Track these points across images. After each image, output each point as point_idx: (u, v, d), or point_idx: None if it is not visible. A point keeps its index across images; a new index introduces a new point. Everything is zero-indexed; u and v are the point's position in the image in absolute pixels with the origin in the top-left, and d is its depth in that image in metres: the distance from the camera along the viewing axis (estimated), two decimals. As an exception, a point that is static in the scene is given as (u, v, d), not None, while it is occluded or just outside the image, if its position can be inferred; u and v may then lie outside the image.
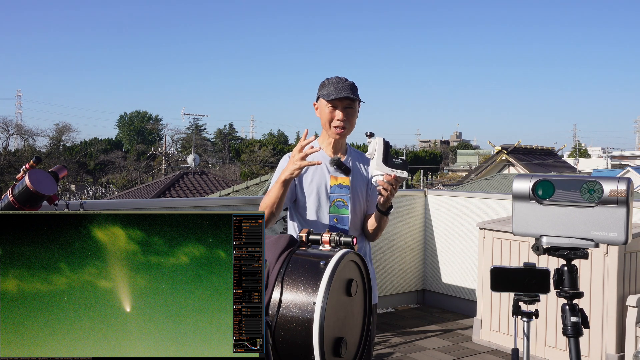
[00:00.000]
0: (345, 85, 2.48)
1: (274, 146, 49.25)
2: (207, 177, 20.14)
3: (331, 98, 2.45)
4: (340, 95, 2.44)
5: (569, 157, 46.13)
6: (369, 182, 2.58)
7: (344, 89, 2.46)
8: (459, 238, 5.89)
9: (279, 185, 2.33)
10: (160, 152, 39.92)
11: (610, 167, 38.61)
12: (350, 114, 2.50)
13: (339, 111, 2.47)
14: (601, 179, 1.80)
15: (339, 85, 2.48)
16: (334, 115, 2.48)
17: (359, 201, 2.55)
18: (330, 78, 2.54)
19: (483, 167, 33.36)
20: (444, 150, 71.69)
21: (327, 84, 2.52)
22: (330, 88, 2.48)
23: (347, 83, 2.50)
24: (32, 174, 2.47)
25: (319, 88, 2.56)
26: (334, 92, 2.46)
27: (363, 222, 2.58)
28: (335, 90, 2.46)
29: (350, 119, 2.50)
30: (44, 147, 48.93)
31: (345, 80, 2.51)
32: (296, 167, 2.26)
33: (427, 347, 4.79)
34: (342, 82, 2.50)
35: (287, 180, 2.31)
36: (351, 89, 2.49)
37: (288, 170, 2.29)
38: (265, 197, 2.42)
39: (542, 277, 1.88)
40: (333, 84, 2.49)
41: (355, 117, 2.54)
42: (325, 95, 2.48)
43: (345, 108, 2.47)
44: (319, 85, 2.57)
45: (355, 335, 1.87)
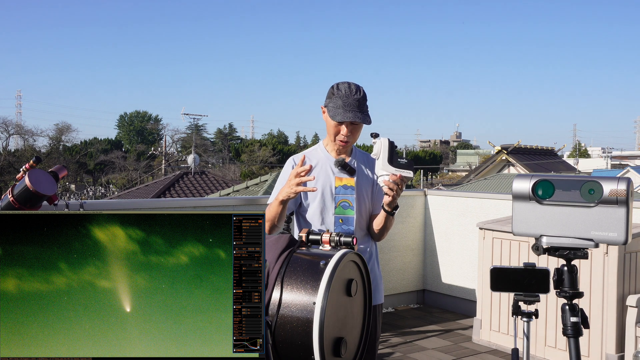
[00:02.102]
0: (353, 101, 2.42)
1: (274, 146, 49.21)
2: (207, 177, 20.14)
3: (337, 120, 2.43)
4: (346, 119, 2.41)
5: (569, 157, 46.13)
6: (374, 182, 2.58)
7: (352, 107, 2.42)
8: (458, 238, 5.89)
9: (277, 203, 2.35)
10: (160, 152, 39.93)
11: (610, 167, 38.61)
12: (355, 129, 2.49)
13: (345, 127, 2.46)
14: (601, 179, 1.80)
15: (347, 102, 2.42)
16: (339, 129, 2.47)
17: (365, 202, 2.56)
18: (340, 87, 2.47)
19: (483, 167, 33.38)
20: (444, 150, 71.71)
21: (336, 95, 2.46)
22: (338, 103, 2.43)
23: (355, 98, 2.43)
24: (32, 174, 2.47)
25: (328, 94, 2.51)
26: (341, 113, 2.42)
27: (369, 222, 2.59)
28: (343, 109, 2.42)
29: (354, 134, 2.50)
30: (44, 147, 48.94)
31: (356, 92, 2.45)
32: (292, 192, 2.27)
33: (427, 347, 4.79)
34: (351, 96, 2.43)
35: (285, 200, 2.33)
36: (359, 106, 2.43)
37: (284, 192, 2.30)
38: (267, 208, 2.43)
39: (542, 277, 1.88)
40: (342, 98, 2.43)
41: (360, 130, 2.52)
42: (332, 114, 2.44)
43: (351, 123, 2.46)
44: (329, 91, 2.51)
45: (355, 335, 1.87)
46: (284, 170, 2.59)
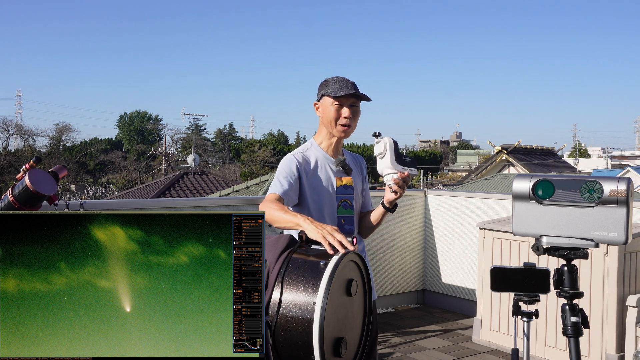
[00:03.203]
0: (349, 83, 2.50)
1: (274, 146, 49.23)
2: (207, 177, 20.14)
3: (340, 94, 2.44)
4: (348, 91, 2.44)
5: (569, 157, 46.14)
6: (363, 180, 2.64)
7: (350, 87, 2.47)
8: (458, 238, 5.89)
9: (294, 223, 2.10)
10: (160, 152, 39.92)
11: (610, 167, 38.63)
12: (355, 112, 2.50)
13: (346, 108, 2.47)
14: (601, 179, 1.80)
15: (343, 84, 2.48)
16: (340, 113, 2.47)
17: (358, 200, 2.58)
18: (332, 77, 2.54)
19: (483, 167, 33.39)
20: (444, 150, 71.71)
21: (330, 82, 2.52)
22: (335, 86, 2.48)
23: (350, 82, 2.51)
24: (32, 174, 2.47)
25: (320, 88, 2.55)
26: (341, 89, 2.46)
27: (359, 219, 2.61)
28: (341, 87, 2.47)
29: (355, 117, 2.51)
30: (44, 147, 48.94)
31: (348, 80, 2.52)
32: (318, 238, 1.90)
33: (427, 347, 4.79)
34: (345, 81, 2.51)
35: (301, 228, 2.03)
36: (354, 88, 2.50)
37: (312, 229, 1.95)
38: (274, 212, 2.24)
39: (542, 277, 1.88)
40: (337, 82, 2.50)
41: (359, 115, 2.54)
42: (333, 91, 2.46)
43: (351, 106, 2.48)
44: (320, 85, 2.55)
45: (355, 335, 1.86)
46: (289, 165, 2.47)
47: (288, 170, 2.46)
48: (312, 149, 2.58)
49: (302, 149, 2.60)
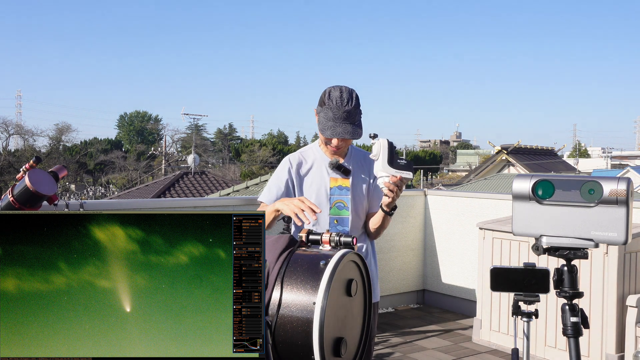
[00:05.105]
0: (343, 113, 2.38)
1: (274, 146, 49.26)
2: (207, 177, 20.15)
3: (326, 136, 2.43)
4: (335, 136, 2.40)
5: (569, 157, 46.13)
6: (370, 181, 2.58)
7: (343, 120, 2.39)
8: (458, 238, 5.89)
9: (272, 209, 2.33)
10: (160, 152, 39.93)
11: (610, 167, 38.61)
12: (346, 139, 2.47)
13: (335, 139, 2.45)
14: (601, 179, 1.80)
15: (337, 114, 2.38)
16: (329, 140, 2.47)
17: (362, 201, 2.55)
18: (332, 95, 2.41)
19: (483, 167, 33.38)
20: (444, 150, 71.71)
21: (326, 105, 2.41)
22: (328, 114, 2.40)
23: (346, 110, 2.38)
24: (32, 174, 2.47)
25: (320, 100, 2.47)
26: (330, 127, 2.40)
27: (365, 221, 2.59)
28: (333, 122, 2.39)
29: (346, 142, 2.50)
30: (44, 147, 48.92)
31: (347, 102, 2.39)
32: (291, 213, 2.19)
33: (427, 347, 4.79)
34: (342, 108, 2.38)
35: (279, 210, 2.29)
36: (349, 117, 2.39)
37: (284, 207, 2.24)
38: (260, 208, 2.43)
39: (542, 277, 1.88)
40: (332, 110, 2.39)
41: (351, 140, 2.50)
42: (322, 127, 2.43)
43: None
44: (321, 96, 2.47)
45: (355, 335, 1.87)
46: (280, 170, 2.57)
47: (278, 175, 2.57)
48: (313, 149, 2.61)
49: (304, 148, 2.65)
